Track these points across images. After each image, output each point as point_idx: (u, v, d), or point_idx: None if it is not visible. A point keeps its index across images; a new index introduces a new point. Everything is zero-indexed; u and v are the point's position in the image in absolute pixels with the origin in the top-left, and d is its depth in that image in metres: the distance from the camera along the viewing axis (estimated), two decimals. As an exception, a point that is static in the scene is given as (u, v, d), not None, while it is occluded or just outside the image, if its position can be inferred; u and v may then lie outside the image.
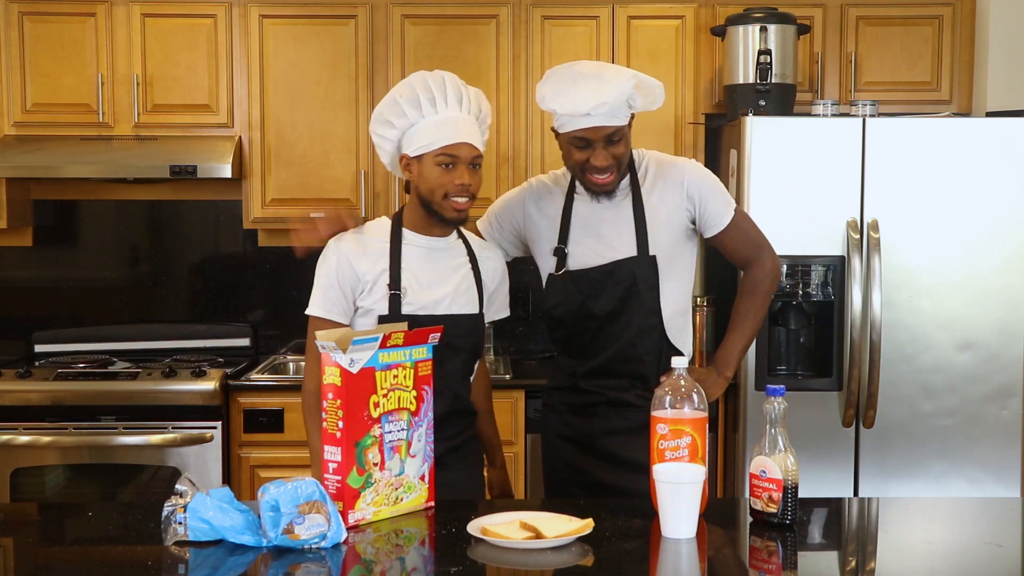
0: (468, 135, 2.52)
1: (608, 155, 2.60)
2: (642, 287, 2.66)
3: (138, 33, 4.23)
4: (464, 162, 2.51)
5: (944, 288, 3.75)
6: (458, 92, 2.55)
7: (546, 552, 2.04)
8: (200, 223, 4.64)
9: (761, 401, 2.33)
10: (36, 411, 3.93)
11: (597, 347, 2.71)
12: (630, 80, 2.57)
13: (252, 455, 3.99)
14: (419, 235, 2.59)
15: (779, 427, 2.20)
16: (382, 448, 2.23)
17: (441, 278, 2.58)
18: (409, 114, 2.53)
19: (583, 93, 2.55)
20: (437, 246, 2.60)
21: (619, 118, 2.59)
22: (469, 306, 2.60)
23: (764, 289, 2.79)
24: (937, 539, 2.28)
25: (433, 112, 2.52)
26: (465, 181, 2.50)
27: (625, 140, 2.64)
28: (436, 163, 2.51)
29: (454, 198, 2.51)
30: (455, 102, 2.53)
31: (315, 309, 2.57)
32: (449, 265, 2.61)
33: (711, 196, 2.71)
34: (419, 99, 2.52)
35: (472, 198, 2.54)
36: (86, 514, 2.42)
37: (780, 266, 2.84)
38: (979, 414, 3.76)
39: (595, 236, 2.70)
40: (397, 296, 2.52)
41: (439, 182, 2.51)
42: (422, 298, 2.54)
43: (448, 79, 2.56)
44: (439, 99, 2.52)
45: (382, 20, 4.24)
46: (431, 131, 2.51)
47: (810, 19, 4.23)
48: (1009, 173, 3.73)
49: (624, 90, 2.56)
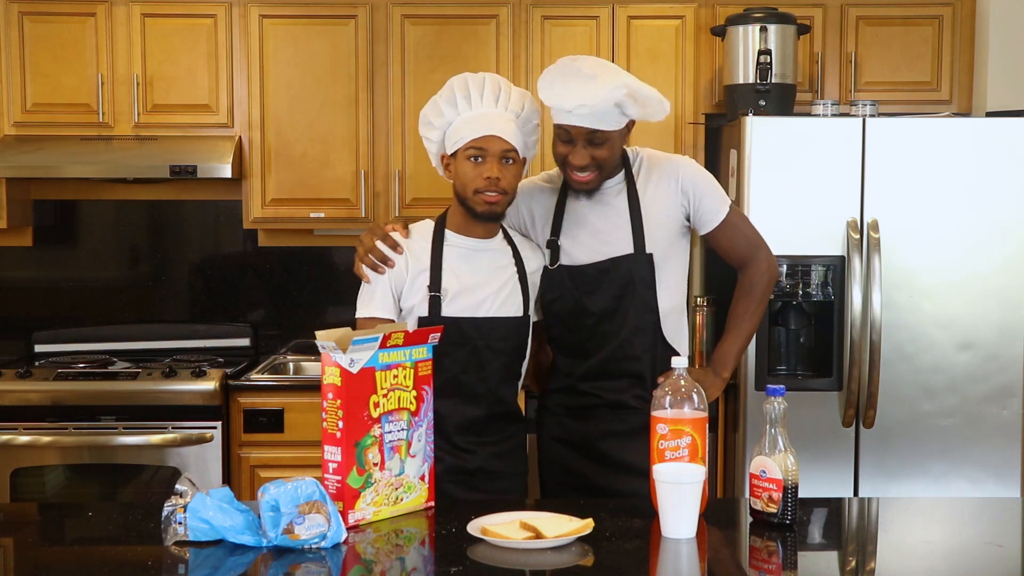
0: (498, 129, 2.52)
1: (587, 155, 2.59)
2: (639, 285, 2.65)
3: (138, 33, 4.23)
4: (493, 156, 2.51)
5: (944, 288, 3.75)
6: (496, 89, 2.56)
7: (546, 552, 2.04)
8: (200, 223, 4.64)
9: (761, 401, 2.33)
10: (36, 411, 3.93)
11: (593, 345, 2.70)
12: (619, 89, 2.51)
13: (252, 455, 3.99)
14: (461, 236, 2.60)
15: (779, 427, 2.20)
16: (382, 448, 2.23)
17: (483, 280, 2.58)
18: (447, 113, 2.56)
19: (569, 90, 2.55)
20: (480, 247, 2.60)
21: (604, 122, 2.55)
22: (513, 309, 2.59)
23: (760, 290, 2.78)
24: (937, 539, 2.28)
25: (468, 109, 2.54)
26: (493, 174, 2.50)
27: (610, 144, 2.59)
28: (466, 157, 2.53)
29: (484, 192, 2.52)
30: (491, 98, 2.55)
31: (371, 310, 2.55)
32: (493, 266, 2.60)
33: (706, 192, 2.70)
34: (455, 97, 2.55)
35: (504, 193, 2.54)
36: (86, 514, 2.41)
37: (777, 266, 2.83)
38: (979, 414, 3.76)
39: (590, 232, 2.69)
40: (437, 298, 2.53)
41: (469, 176, 2.52)
42: (463, 300, 2.54)
43: (488, 78, 2.58)
44: (475, 96, 2.54)
45: (382, 20, 4.24)
46: (464, 127, 2.53)
47: (810, 19, 4.23)
48: (1009, 173, 3.73)
49: (609, 97, 2.51)
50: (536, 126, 2.65)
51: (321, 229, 4.51)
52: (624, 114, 2.57)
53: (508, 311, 2.59)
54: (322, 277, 4.63)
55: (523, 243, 2.70)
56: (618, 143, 2.63)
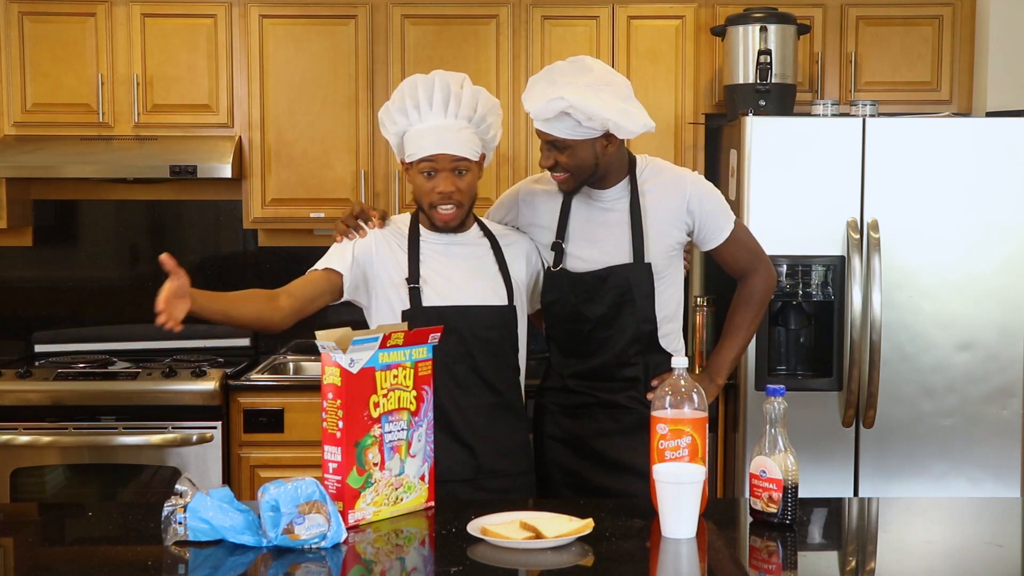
0: (447, 144, 2.52)
1: (551, 157, 2.60)
2: (636, 294, 2.66)
3: (138, 33, 4.23)
4: (445, 170, 2.53)
5: (944, 288, 3.74)
6: (445, 95, 2.55)
7: (546, 552, 2.04)
8: (200, 223, 4.64)
9: (761, 401, 2.33)
10: (36, 411, 3.93)
11: (589, 349, 2.71)
12: (557, 103, 2.48)
13: (252, 455, 3.99)
14: (433, 233, 2.62)
15: (779, 427, 2.20)
16: (382, 448, 2.23)
17: (461, 271, 2.60)
18: (399, 121, 2.59)
19: (531, 94, 2.57)
20: (454, 241, 2.62)
21: (557, 130, 2.54)
22: (495, 298, 2.60)
23: (759, 300, 2.80)
24: (937, 539, 2.28)
25: (418, 119, 2.56)
26: (445, 188, 2.52)
27: (572, 152, 2.57)
28: (419, 171, 2.56)
29: (438, 207, 2.54)
30: (440, 107, 2.54)
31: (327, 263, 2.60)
32: (470, 258, 2.62)
33: (711, 212, 2.71)
34: (406, 106, 2.56)
35: (459, 205, 2.55)
36: (86, 514, 2.42)
37: (776, 277, 2.88)
38: (979, 414, 3.76)
39: (590, 240, 2.70)
40: (416, 289, 2.55)
41: (424, 190, 2.56)
42: (443, 290, 2.56)
43: (439, 82, 2.56)
44: (424, 106, 2.55)
45: (382, 20, 4.24)
46: (415, 140, 2.56)
47: (810, 19, 4.23)
48: (1009, 173, 3.73)
49: (549, 106, 2.50)
50: (495, 120, 2.62)
51: (321, 229, 4.50)
52: (585, 126, 2.54)
53: (490, 300, 2.60)
54: (322, 277, 4.62)
55: (500, 232, 2.70)
56: (585, 151, 2.59)
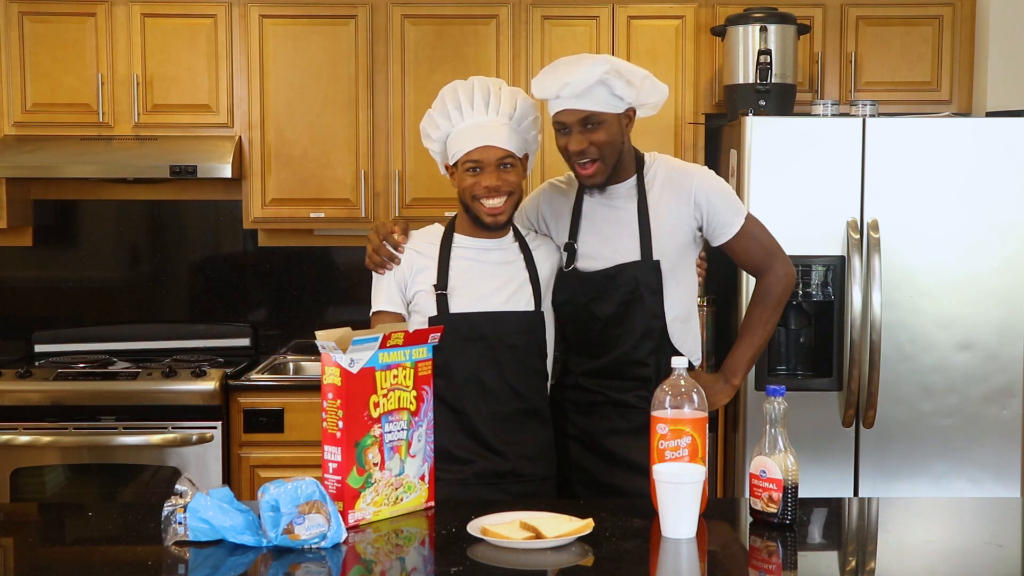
0: (492, 138, 2.56)
1: (583, 139, 2.58)
2: (645, 292, 2.66)
3: (138, 33, 4.23)
4: (490, 165, 2.56)
5: (944, 288, 3.74)
6: (485, 94, 2.59)
7: (546, 552, 2.04)
8: (200, 223, 4.64)
9: (761, 401, 2.33)
10: (36, 411, 3.93)
11: (601, 348, 2.71)
12: (602, 65, 2.54)
13: (252, 455, 3.99)
14: (468, 238, 2.64)
15: (779, 427, 2.20)
16: (382, 448, 2.23)
17: (491, 276, 2.61)
18: (442, 125, 2.62)
19: (555, 76, 2.58)
20: (488, 247, 2.64)
21: (592, 102, 2.56)
22: (523, 303, 2.62)
23: (775, 297, 2.76)
24: (937, 539, 2.28)
25: (460, 120, 2.59)
26: (491, 183, 2.55)
27: (606, 128, 2.59)
28: (465, 169, 2.58)
29: (483, 200, 2.56)
30: (482, 105, 2.58)
31: (379, 305, 2.64)
32: (501, 264, 2.64)
33: (720, 205, 2.70)
34: (447, 109, 2.60)
35: (508, 195, 2.58)
36: (86, 514, 2.41)
37: (794, 274, 2.79)
38: (979, 414, 3.76)
39: (600, 238, 2.70)
40: (444, 296, 2.57)
41: (467, 186, 2.58)
42: (471, 296, 2.58)
43: (478, 83, 2.61)
44: (465, 106, 2.59)
45: (382, 20, 4.24)
46: (459, 139, 2.59)
47: (810, 19, 4.23)
48: (1009, 173, 3.73)
49: (591, 72, 2.53)
50: (533, 121, 2.66)
51: (321, 229, 4.51)
52: (615, 95, 2.57)
53: (518, 305, 2.61)
54: (322, 277, 4.63)
55: (537, 242, 2.72)
56: (615, 128, 2.61)
